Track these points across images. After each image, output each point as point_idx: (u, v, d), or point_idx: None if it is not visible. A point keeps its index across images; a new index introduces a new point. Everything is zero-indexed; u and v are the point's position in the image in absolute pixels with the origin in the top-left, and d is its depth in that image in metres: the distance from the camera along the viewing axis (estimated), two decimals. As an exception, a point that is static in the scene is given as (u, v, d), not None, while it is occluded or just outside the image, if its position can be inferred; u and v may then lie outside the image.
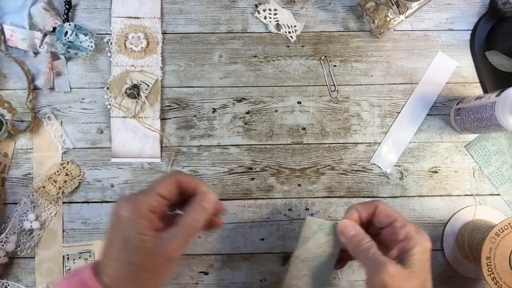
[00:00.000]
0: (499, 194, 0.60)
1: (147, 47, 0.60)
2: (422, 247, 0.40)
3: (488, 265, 0.51)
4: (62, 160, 0.59)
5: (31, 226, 0.57)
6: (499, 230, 0.51)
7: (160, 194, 0.39)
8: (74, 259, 0.58)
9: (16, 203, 0.58)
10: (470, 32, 0.62)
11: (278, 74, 0.61)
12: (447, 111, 0.61)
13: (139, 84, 0.59)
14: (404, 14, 0.55)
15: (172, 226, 0.39)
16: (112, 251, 0.37)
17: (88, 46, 0.58)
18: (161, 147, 0.60)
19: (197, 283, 0.59)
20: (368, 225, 0.45)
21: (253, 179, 0.60)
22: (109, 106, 0.59)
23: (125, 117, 0.59)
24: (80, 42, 0.57)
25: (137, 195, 0.38)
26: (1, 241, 0.56)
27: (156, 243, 0.37)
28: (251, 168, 0.60)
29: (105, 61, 0.60)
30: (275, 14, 0.61)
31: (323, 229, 0.45)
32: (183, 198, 0.42)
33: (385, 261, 0.39)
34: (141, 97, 0.59)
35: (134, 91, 0.58)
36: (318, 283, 0.45)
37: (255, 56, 0.61)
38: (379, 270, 0.39)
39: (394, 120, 0.61)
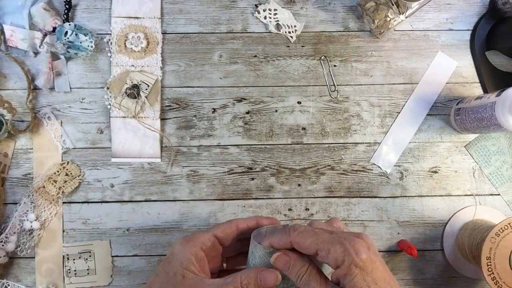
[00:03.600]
0: (499, 194, 0.60)
1: (147, 47, 0.60)
2: (357, 266, 0.35)
3: (488, 265, 0.51)
4: (62, 160, 0.59)
5: (31, 226, 0.57)
6: (499, 230, 0.51)
7: (216, 235, 0.39)
8: (74, 259, 0.58)
9: (16, 203, 0.58)
10: (470, 32, 0.62)
11: (278, 74, 0.61)
12: (447, 111, 0.61)
13: (139, 84, 0.59)
14: (404, 14, 0.55)
15: (220, 278, 0.37)
16: (155, 283, 0.37)
17: (88, 46, 0.58)
18: (161, 147, 0.60)
19: (197, 283, 0.59)
20: None
21: (253, 179, 0.60)
22: (109, 106, 0.59)
23: (125, 117, 0.59)
24: (80, 42, 0.57)
25: (194, 233, 0.39)
26: (1, 241, 0.56)
27: (195, 283, 0.36)
28: (251, 168, 0.60)
29: (105, 61, 0.60)
30: (275, 14, 0.61)
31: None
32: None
33: None
34: (141, 97, 0.59)
35: (134, 91, 0.58)
36: None
37: (255, 56, 0.61)
38: None
39: (394, 120, 0.61)
